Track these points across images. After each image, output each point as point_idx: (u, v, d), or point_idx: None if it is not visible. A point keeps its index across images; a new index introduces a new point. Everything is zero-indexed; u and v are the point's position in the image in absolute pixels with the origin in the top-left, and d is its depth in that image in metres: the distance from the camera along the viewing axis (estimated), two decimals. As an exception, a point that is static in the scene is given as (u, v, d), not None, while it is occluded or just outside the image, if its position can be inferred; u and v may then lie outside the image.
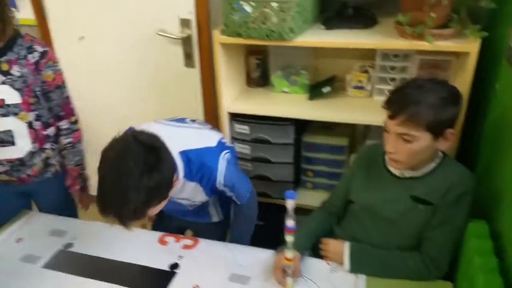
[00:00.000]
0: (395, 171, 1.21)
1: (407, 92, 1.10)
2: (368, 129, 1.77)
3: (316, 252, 1.31)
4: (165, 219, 1.54)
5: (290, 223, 1.08)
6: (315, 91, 1.77)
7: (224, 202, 1.48)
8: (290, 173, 1.86)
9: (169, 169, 1.11)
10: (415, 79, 1.18)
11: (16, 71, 1.29)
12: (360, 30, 1.55)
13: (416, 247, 1.20)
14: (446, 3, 1.27)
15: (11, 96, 1.31)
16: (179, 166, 1.19)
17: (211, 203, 1.46)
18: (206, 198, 1.35)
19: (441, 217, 1.14)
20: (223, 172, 1.26)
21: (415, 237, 1.20)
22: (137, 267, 1.28)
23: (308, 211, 1.48)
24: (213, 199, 1.44)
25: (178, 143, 1.21)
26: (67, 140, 1.47)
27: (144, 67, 2.21)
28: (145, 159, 1.03)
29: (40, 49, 1.32)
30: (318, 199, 1.51)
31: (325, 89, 1.73)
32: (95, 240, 1.41)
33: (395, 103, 1.10)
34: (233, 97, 1.85)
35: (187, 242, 1.38)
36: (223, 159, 1.28)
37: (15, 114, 1.34)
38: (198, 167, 1.23)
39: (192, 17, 2.01)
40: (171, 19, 2.04)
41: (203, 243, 1.37)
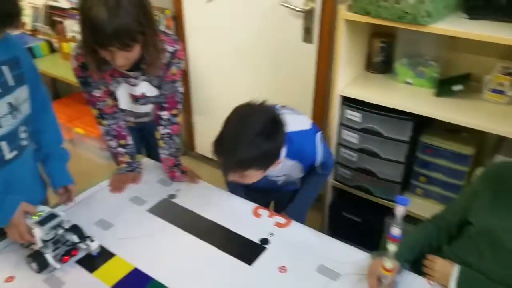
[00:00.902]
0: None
1: None
2: (501, 142, 1.57)
3: (416, 267, 1.21)
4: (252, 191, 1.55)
5: (395, 231, 1.00)
6: (444, 87, 1.61)
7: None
8: (399, 173, 1.74)
9: (280, 144, 1.22)
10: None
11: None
12: (510, 23, 1.36)
13: None
14: None
15: (151, 90, 1.42)
16: (283, 148, 1.26)
17: (299, 178, 1.52)
18: (302, 174, 1.46)
19: None
20: (320, 151, 1.36)
21: None
22: (229, 232, 1.31)
23: (413, 220, 1.37)
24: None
25: None
26: (165, 130, 1.50)
27: (262, 36, 2.20)
28: (266, 125, 1.16)
29: (170, 49, 1.34)
30: (427, 208, 1.39)
31: (457, 87, 1.56)
32: (196, 197, 1.46)
33: None
34: (349, 80, 1.76)
35: (280, 220, 1.37)
36: (319, 140, 1.36)
37: (153, 102, 1.47)
38: (298, 148, 1.32)
39: (319, -10, 1.94)
40: (296, -10, 1.98)
41: (296, 226, 1.35)
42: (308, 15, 2.00)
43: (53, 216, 1.17)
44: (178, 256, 1.22)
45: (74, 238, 1.19)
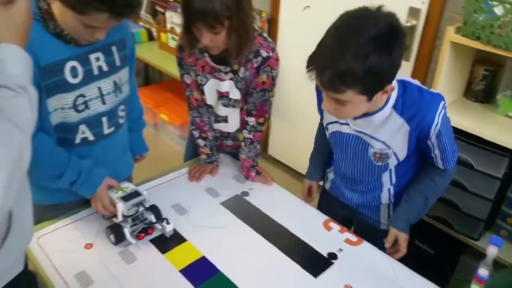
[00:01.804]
0: None
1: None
2: None
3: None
4: (330, 202, 1.50)
5: (483, 272, 0.93)
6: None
7: (404, 179, 1.29)
8: (485, 210, 1.61)
9: (395, 62, 0.96)
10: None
11: (241, 72, 1.37)
12: None
13: None
14: None
15: (234, 92, 1.43)
16: (394, 92, 1.07)
17: (391, 167, 1.24)
18: (404, 149, 1.16)
19: None
20: (441, 117, 1.08)
21: None
22: (297, 240, 1.29)
23: (494, 262, 1.25)
24: (399, 162, 1.22)
25: (400, 75, 1.07)
26: (248, 135, 1.51)
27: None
28: (381, 32, 0.90)
29: (264, 54, 1.34)
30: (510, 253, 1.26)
31: None
32: (268, 198, 1.47)
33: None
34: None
35: (351, 237, 1.32)
36: (444, 106, 1.09)
37: (234, 106, 1.47)
38: (414, 101, 1.09)
39: (423, 7, 1.87)
40: (399, 5, 1.92)
41: (367, 246, 1.30)
42: (408, 31, 1.93)
43: (136, 193, 1.24)
44: (245, 253, 1.24)
45: (152, 217, 1.25)
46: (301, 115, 2.56)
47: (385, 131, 1.14)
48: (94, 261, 1.16)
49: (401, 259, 1.73)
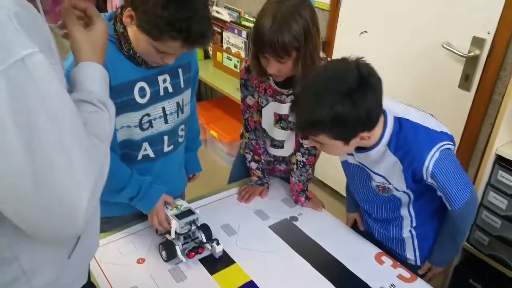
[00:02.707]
0: None
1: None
2: None
3: None
4: (362, 233, 1.45)
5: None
6: None
7: (423, 215, 1.28)
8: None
9: (363, 112, 1.02)
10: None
11: None
12: None
13: None
14: None
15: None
16: (388, 129, 1.12)
17: (404, 201, 1.26)
18: (403, 185, 1.18)
19: None
20: (434, 160, 1.09)
21: None
22: (347, 271, 1.26)
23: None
24: (409, 198, 1.24)
25: (399, 110, 1.16)
26: (301, 158, 1.49)
27: (413, 74, 2.11)
28: (349, 84, 1.00)
29: None
30: None
31: None
32: (317, 225, 1.45)
33: None
34: (509, 139, 1.58)
35: (404, 273, 1.27)
36: (440, 148, 1.10)
37: (292, 129, 1.47)
38: (407, 140, 1.11)
39: (488, 38, 1.80)
40: (462, 34, 1.87)
41: (421, 284, 1.24)
42: (470, 61, 1.86)
43: (190, 212, 1.26)
44: (292, 280, 1.22)
45: (202, 237, 1.26)
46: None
47: (382, 166, 1.18)
48: (145, 277, 1.19)
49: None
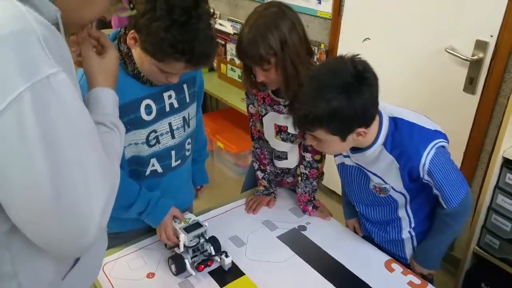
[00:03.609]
0: None
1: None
2: None
3: None
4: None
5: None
6: None
7: (421, 214, 1.29)
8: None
9: (359, 107, 1.05)
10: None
11: None
12: None
13: None
14: None
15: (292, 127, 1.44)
16: (383, 129, 1.15)
17: (401, 202, 1.27)
18: (400, 185, 1.20)
19: None
20: (430, 157, 1.12)
21: None
22: (357, 279, 1.25)
23: None
24: (405, 198, 1.25)
25: (394, 110, 1.19)
26: (304, 171, 1.50)
27: (418, 79, 2.11)
28: (345, 79, 1.03)
29: None
30: None
31: None
32: (326, 234, 1.45)
33: None
34: (517, 141, 1.57)
35: (415, 280, 1.26)
36: (435, 145, 1.13)
37: (292, 141, 1.48)
38: (402, 139, 1.14)
39: (491, 41, 1.80)
40: (465, 38, 1.87)
41: (432, 289, 1.24)
42: (474, 65, 1.86)
43: (198, 225, 1.26)
44: (302, 291, 1.21)
45: (211, 249, 1.27)
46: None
47: (378, 166, 1.20)
48: (155, 291, 1.19)
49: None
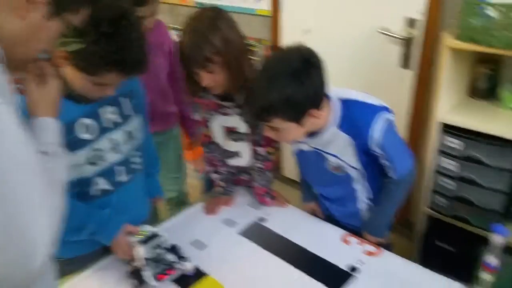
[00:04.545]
0: None
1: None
2: None
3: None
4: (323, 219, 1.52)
5: (491, 260, 0.93)
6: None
7: (375, 185, 1.37)
8: (500, 203, 1.60)
9: (311, 90, 1.11)
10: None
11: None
12: None
13: None
14: None
15: (242, 126, 1.48)
16: (335, 111, 1.22)
17: (357, 177, 1.35)
18: (355, 160, 1.28)
19: None
20: (379, 129, 1.20)
21: None
22: (318, 258, 1.31)
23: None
24: (360, 173, 1.33)
25: (344, 92, 1.26)
26: (258, 164, 1.54)
27: (358, 63, 2.21)
28: (294, 66, 1.07)
29: None
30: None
31: None
32: (285, 221, 1.49)
33: None
34: (450, 106, 1.68)
35: (370, 248, 1.34)
36: (382, 118, 1.21)
37: (243, 140, 1.52)
38: (353, 117, 1.22)
39: (420, 17, 1.91)
40: (395, 17, 1.97)
41: (388, 255, 1.31)
42: (407, 42, 1.97)
43: (156, 236, 1.26)
44: (267, 280, 1.25)
45: (172, 257, 1.26)
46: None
47: (335, 146, 1.28)
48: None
49: (424, 260, 1.70)
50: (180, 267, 1.27)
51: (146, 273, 1.22)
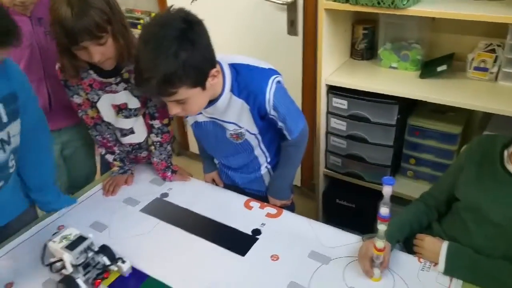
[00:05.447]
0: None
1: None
2: (487, 118, 1.57)
3: (408, 246, 1.22)
4: (226, 187, 1.55)
5: (384, 211, 1.01)
6: (428, 69, 1.62)
7: (273, 149, 1.43)
8: (388, 157, 1.75)
9: (204, 49, 1.09)
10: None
11: (133, 79, 1.32)
12: (490, 0, 1.36)
13: None
14: None
15: (132, 101, 1.41)
16: (227, 77, 1.20)
17: (255, 143, 1.37)
18: (253, 126, 1.29)
19: None
20: (272, 91, 1.21)
21: None
22: (222, 226, 1.32)
23: (406, 202, 1.38)
24: (258, 138, 1.36)
25: (231, 58, 1.24)
26: (156, 138, 1.50)
27: (247, 31, 2.21)
28: (180, 31, 1.02)
29: None
30: (418, 190, 1.37)
31: (440, 68, 1.57)
32: (188, 194, 1.48)
33: None
34: (334, 68, 1.77)
35: (271, 210, 1.38)
36: (274, 80, 1.22)
37: (136, 115, 1.45)
38: (246, 82, 1.21)
39: (298, -17, 1.95)
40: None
41: (287, 215, 1.36)
42: (291, 7, 2.01)
43: (82, 238, 1.13)
44: (172, 252, 1.24)
45: (105, 260, 1.16)
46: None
47: (232, 113, 1.26)
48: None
49: (328, 219, 1.82)
50: (115, 269, 1.17)
51: (79, 280, 1.09)
